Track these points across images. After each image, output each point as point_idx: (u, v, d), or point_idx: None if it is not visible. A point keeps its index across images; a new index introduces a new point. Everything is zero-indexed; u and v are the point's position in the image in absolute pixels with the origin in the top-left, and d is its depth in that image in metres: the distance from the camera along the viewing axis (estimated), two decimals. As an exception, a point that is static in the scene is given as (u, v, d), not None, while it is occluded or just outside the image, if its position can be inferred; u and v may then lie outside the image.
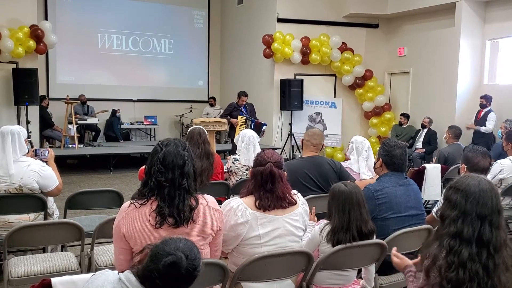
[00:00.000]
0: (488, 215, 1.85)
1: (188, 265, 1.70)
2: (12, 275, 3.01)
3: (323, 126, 10.92)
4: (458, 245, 1.85)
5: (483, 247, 1.84)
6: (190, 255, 1.72)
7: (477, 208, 1.85)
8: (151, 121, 12.65)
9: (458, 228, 1.86)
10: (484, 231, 1.84)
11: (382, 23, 11.25)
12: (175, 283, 1.70)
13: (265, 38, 10.50)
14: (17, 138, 3.71)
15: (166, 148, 2.28)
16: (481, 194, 1.86)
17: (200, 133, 4.41)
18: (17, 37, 8.93)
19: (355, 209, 2.73)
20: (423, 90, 10.26)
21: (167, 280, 1.68)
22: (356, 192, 2.78)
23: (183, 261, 1.69)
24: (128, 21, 12.52)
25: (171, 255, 1.68)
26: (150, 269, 1.69)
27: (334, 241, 2.71)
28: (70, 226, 3.21)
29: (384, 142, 3.42)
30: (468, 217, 1.86)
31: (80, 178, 9.06)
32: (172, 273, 1.68)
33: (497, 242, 1.85)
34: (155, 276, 1.68)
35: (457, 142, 6.52)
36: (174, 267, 1.68)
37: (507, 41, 8.97)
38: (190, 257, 1.71)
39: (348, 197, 2.75)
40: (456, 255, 1.84)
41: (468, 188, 1.89)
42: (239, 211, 2.57)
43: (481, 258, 1.84)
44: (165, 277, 1.68)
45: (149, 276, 1.69)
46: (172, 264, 1.68)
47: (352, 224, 2.71)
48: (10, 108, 9.23)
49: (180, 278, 1.70)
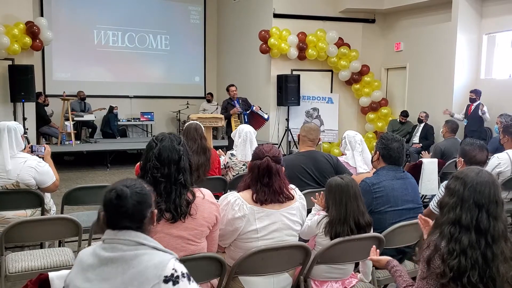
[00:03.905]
0: (485, 203, 1.88)
1: (133, 190, 1.74)
2: (9, 270, 3.00)
3: (320, 122, 10.92)
4: (458, 232, 1.89)
5: (481, 235, 1.88)
6: (127, 183, 1.77)
7: (475, 195, 1.89)
8: (147, 117, 12.61)
9: (457, 215, 1.90)
10: (482, 219, 1.88)
11: (378, 18, 11.24)
12: (136, 210, 1.74)
13: (262, 34, 10.48)
14: (13, 134, 3.68)
15: (161, 144, 2.27)
16: (478, 182, 1.91)
17: (197, 128, 4.40)
18: (12, 34, 8.88)
19: (352, 201, 2.76)
20: (419, 85, 10.27)
21: (128, 212, 1.73)
22: (353, 185, 2.81)
23: (124, 189, 1.73)
24: (124, 17, 12.47)
25: (112, 191, 1.74)
26: (109, 215, 1.76)
27: (332, 233, 2.72)
28: (68, 222, 3.20)
29: (382, 135, 3.44)
30: (465, 204, 1.90)
31: (77, 175, 9.04)
32: (124, 203, 1.72)
33: (495, 232, 1.88)
34: (116, 215, 1.73)
35: (453, 136, 6.53)
36: (121, 197, 1.72)
37: (504, 35, 8.97)
38: (129, 184, 1.76)
39: (345, 190, 2.77)
40: (457, 242, 1.88)
41: (466, 177, 1.94)
42: (237, 205, 2.57)
43: (480, 246, 1.86)
44: (123, 211, 1.72)
45: (113, 220, 1.75)
46: (117, 197, 1.73)
47: (349, 216, 2.73)
48: (7, 105, 9.19)
49: (135, 204, 1.73)
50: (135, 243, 1.72)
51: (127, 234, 1.73)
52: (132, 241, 1.72)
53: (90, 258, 1.75)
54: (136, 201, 1.74)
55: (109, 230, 1.76)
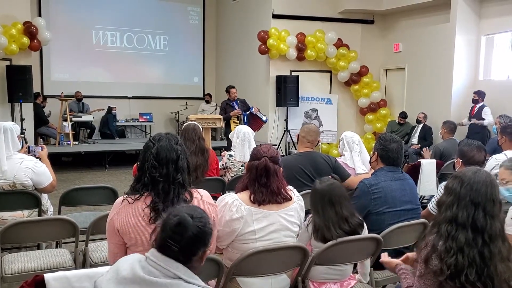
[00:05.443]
0: (481, 202, 1.90)
1: (195, 223, 1.71)
2: (6, 272, 2.99)
3: (318, 123, 10.91)
4: (455, 230, 1.90)
5: (478, 234, 1.89)
6: (194, 213, 1.74)
7: (471, 193, 1.91)
8: (146, 118, 12.60)
9: (454, 213, 1.92)
10: (478, 217, 1.89)
11: (377, 19, 11.24)
12: (189, 243, 1.70)
13: (261, 34, 10.48)
14: (10, 134, 3.67)
15: (158, 143, 2.27)
16: (475, 181, 1.93)
17: (195, 128, 4.38)
18: (10, 34, 8.86)
19: (329, 208, 2.71)
20: (418, 86, 10.27)
21: (180, 243, 1.69)
22: (330, 190, 2.74)
23: (187, 219, 1.70)
24: (122, 18, 12.46)
25: (175, 217, 1.71)
26: (162, 237, 1.71)
27: (320, 238, 2.71)
28: (65, 223, 3.19)
29: (380, 136, 3.43)
30: (462, 202, 1.92)
31: (75, 176, 9.02)
32: (181, 233, 1.69)
33: (492, 231, 1.89)
34: (170, 243, 1.69)
35: (452, 137, 6.52)
36: (180, 226, 1.69)
37: (502, 36, 8.97)
38: (195, 215, 1.73)
39: (320, 197, 2.74)
40: (454, 240, 1.89)
41: (464, 176, 1.97)
42: (234, 207, 2.56)
43: (477, 244, 1.87)
44: (177, 240, 1.68)
45: (164, 245, 1.70)
46: (178, 224, 1.70)
47: (329, 223, 2.69)
48: (4, 105, 9.17)
49: (192, 238, 1.70)
50: (173, 275, 1.68)
51: (169, 263, 1.69)
52: (171, 272, 1.68)
53: (127, 270, 1.71)
54: (194, 234, 1.70)
55: (155, 251, 1.72)
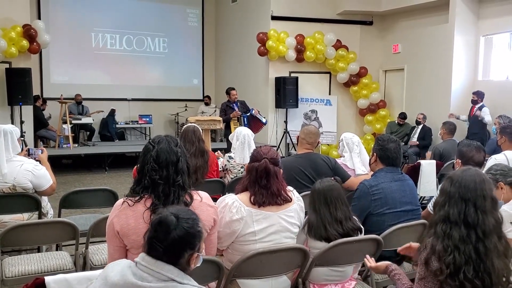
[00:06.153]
0: (471, 197, 1.92)
1: (181, 223, 1.67)
2: (6, 275, 2.98)
3: (318, 124, 10.91)
4: (449, 228, 1.92)
5: (471, 229, 1.91)
6: (182, 214, 1.70)
7: (460, 190, 1.94)
8: (146, 120, 12.60)
9: (446, 212, 1.95)
10: (469, 212, 1.91)
11: (376, 20, 11.25)
12: (173, 244, 1.65)
13: (260, 36, 10.48)
14: (9, 137, 3.66)
15: (158, 146, 2.27)
16: (464, 178, 1.96)
17: (195, 130, 4.38)
18: (10, 37, 8.86)
19: (324, 208, 2.75)
20: (417, 86, 10.27)
21: (163, 243, 1.65)
22: (328, 191, 2.78)
23: (169, 218, 1.66)
24: (121, 20, 12.47)
25: (158, 216, 1.68)
26: (148, 237, 1.68)
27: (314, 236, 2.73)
28: (65, 225, 3.19)
29: (378, 137, 3.44)
30: (452, 199, 1.95)
31: (75, 178, 9.01)
32: (164, 232, 1.65)
33: (485, 227, 1.90)
34: (154, 242, 1.66)
35: (452, 137, 6.53)
36: (162, 225, 1.66)
37: (501, 37, 8.97)
38: (181, 216, 1.69)
39: (317, 196, 2.78)
40: (450, 238, 1.91)
41: (454, 175, 2.01)
42: (234, 208, 2.56)
43: (471, 239, 1.89)
44: (160, 239, 1.65)
45: (149, 244, 1.67)
46: (159, 223, 1.66)
47: (325, 222, 2.72)
48: (4, 108, 9.15)
49: (176, 239, 1.65)
50: (166, 278, 1.63)
51: (160, 266, 1.64)
52: (163, 275, 1.63)
53: (117, 276, 1.66)
54: (178, 236, 1.64)
55: (145, 255, 1.67)
